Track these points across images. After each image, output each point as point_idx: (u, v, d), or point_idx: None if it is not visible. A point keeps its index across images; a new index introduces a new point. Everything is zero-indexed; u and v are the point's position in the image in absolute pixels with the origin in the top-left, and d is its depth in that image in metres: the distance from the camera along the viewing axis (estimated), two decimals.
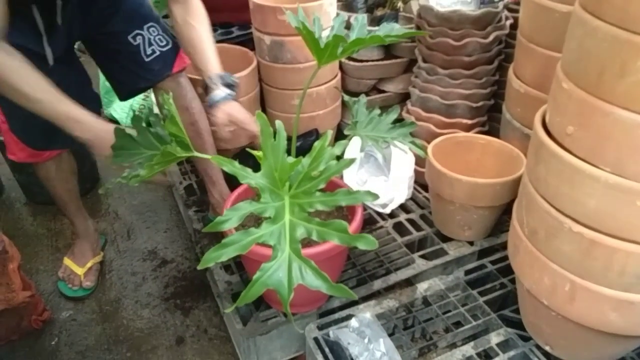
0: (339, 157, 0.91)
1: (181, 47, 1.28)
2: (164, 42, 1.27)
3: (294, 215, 0.85)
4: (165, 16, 2.00)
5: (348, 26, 1.17)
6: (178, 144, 0.98)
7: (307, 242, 0.97)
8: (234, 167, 0.86)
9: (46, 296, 1.53)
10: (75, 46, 1.37)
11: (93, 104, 1.42)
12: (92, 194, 1.94)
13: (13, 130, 1.33)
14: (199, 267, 0.78)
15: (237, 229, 0.93)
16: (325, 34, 1.07)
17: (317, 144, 0.90)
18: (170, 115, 0.96)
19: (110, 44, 1.26)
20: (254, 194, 1.19)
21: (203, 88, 1.23)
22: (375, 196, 0.85)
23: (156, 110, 1.22)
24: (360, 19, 1.10)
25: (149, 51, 1.25)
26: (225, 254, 0.77)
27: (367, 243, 0.77)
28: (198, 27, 1.21)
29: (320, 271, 0.76)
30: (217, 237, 1.46)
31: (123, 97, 1.39)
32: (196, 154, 1.01)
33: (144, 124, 1.09)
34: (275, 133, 0.89)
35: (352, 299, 1.21)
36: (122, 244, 1.72)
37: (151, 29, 1.25)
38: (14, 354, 1.37)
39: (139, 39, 1.23)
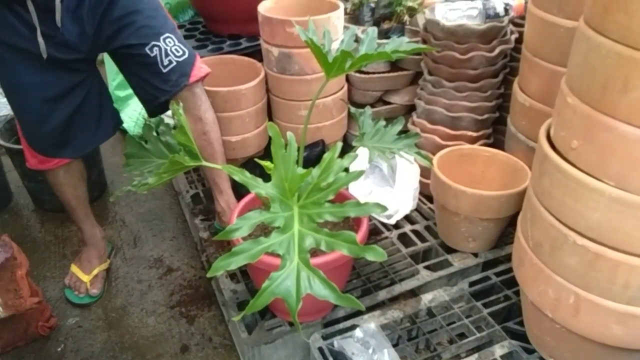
0: (346, 169, 0.92)
1: None
2: (181, 52, 1.27)
3: (303, 225, 0.86)
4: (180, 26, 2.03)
5: (356, 39, 1.19)
6: (187, 153, 1.00)
7: (314, 252, 0.98)
8: (245, 176, 0.87)
9: (53, 303, 1.54)
10: (100, 57, 1.38)
11: (112, 119, 1.45)
12: (99, 201, 1.96)
13: (24, 137, 1.36)
14: (207, 275, 0.80)
15: (244, 238, 0.95)
16: (334, 47, 1.09)
17: (326, 155, 0.91)
18: (180, 125, 0.98)
19: (129, 57, 1.27)
20: (260, 203, 1.20)
21: None
22: (384, 208, 0.86)
23: (167, 119, 1.22)
24: (370, 33, 1.12)
25: (165, 62, 1.25)
26: (234, 262, 0.78)
27: (376, 254, 0.78)
28: None
29: (328, 281, 0.77)
30: (223, 246, 1.48)
31: (150, 113, 1.37)
32: (205, 163, 1.03)
33: (154, 133, 1.10)
34: (286, 144, 0.91)
35: (357, 309, 1.23)
36: (129, 251, 1.73)
37: (167, 40, 1.25)
38: None
39: (155, 50, 1.23)
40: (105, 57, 1.37)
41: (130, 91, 2.04)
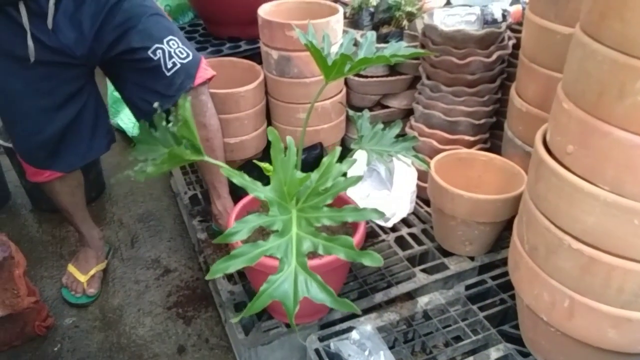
0: (345, 174, 0.93)
1: None
2: (185, 54, 1.24)
3: (301, 229, 0.86)
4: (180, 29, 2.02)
5: (355, 43, 1.20)
6: (189, 147, 0.99)
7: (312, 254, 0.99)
8: (244, 179, 0.87)
9: (50, 302, 1.54)
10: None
11: (107, 136, 1.42)
12: (97, 202, 1.96)
13: (17, 149, 1.35)
14: (206, 278, 0.80)
15: (243, 241, 0.95)
16: (333, 50, 1.10)
17: (325, 159, 0.91)
18: (184, 119, 0.97)
19: (130, 64, 1.24)
20: (258, 205, 1.21)
21: None
22: (382, 214, 0.86)
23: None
24: (369, 37, 1.12)
25: (169, 64, 1.22)
26: (233, 265, 0.79)
27: (373, 260, 0.79)
28: None
29: (325, 285, 0.78)
30: (220, 247, 1.48)
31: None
32: (206, 158, 1.02)
33: (164, 123, 1.10)
34: (285, 148, 0.91)
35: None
36: (126, 252, 1.73)
37: (171, 42, 1.22)
38: (17, 359, 1.38)
39: (159, 53, 1.21)
40: None
41: None
